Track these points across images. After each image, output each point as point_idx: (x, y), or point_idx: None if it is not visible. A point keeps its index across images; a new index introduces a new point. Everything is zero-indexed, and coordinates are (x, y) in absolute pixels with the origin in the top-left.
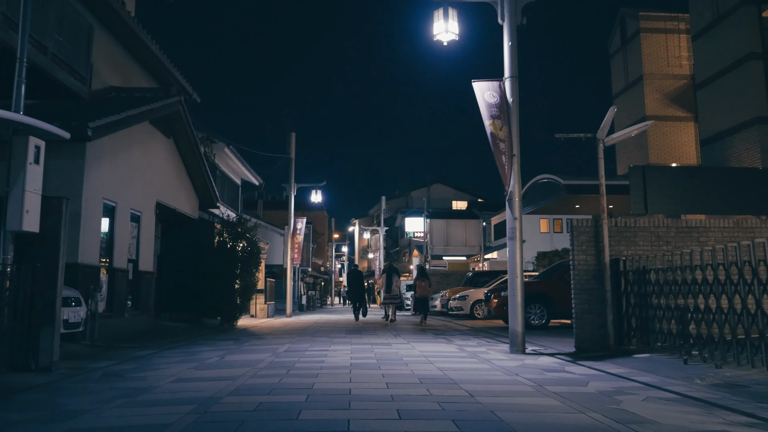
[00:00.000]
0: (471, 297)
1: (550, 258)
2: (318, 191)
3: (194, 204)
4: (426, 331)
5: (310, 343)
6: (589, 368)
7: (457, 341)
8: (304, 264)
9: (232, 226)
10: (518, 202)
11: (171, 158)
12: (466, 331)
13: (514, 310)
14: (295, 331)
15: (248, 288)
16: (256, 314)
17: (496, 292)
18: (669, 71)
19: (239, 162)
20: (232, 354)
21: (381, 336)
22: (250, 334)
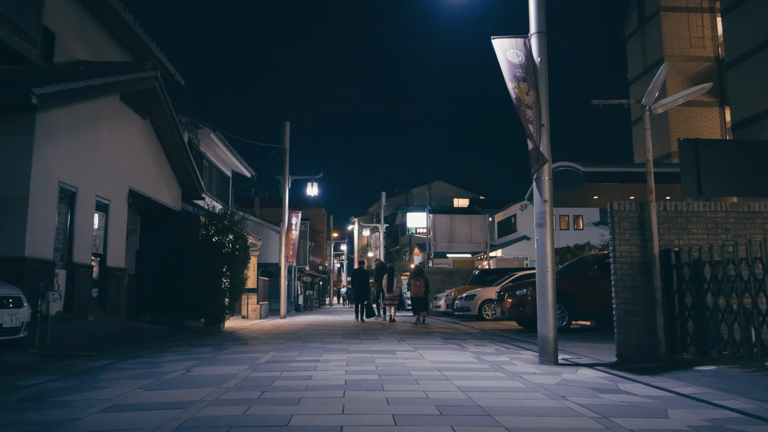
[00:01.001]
0: (479, 296)
1: (561, 255)
2: (314, 184)
3: (176, 195)
4: (432, 334)
5: (300, 351)
6: (651, 386)
7: (471, 347)
8: (301, 262)
9: (217, 219)
10: (548, 181)
11: (148, 142)
12: (477, 334)
13: (544, 312)
14: (285, 334)
15: (236, 287)
16: (247, 315)
17: (511, 290)
18: (691, 53)
19: (229, 152)
20: (202, 366)
21: (382, 341)
22: (235, 338)
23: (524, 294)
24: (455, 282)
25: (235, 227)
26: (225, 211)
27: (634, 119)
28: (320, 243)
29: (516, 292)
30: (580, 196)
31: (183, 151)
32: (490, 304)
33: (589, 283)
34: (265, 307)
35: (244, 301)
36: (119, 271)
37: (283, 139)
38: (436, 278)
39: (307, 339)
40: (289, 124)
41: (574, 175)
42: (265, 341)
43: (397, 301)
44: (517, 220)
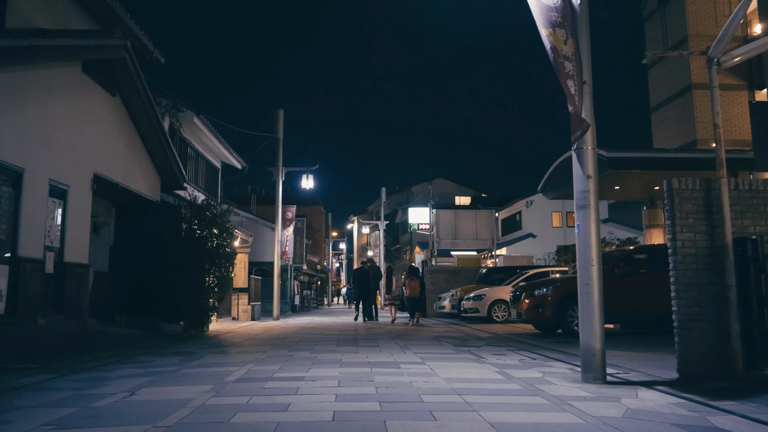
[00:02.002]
0: (488, 296)
1: (573, 252)
2: (309, 176)
3: (154, 184)
4: (440, 339)
5: (283, 363)
6: (751, 420)
7: (490, 358)
8: (298, 261)
9: (200, 210)
10: (592, 152)
11: (118, 122)
12: (491, 339)
13: (588, 316)
14: (273, 340)
15: (221, 286)
16: (238, 317)
17: (528, 290)
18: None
19: (217, 141)
20: (154, 385)
21: (384, 349)
22: (214, 344)
23: (543, 294)
24: (460, 281)
25: (219, 219)
26: (206, 200)
27: (653, 105)
28: (318, 242)
29: (534, 292)
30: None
31: (161, 135)
32: (501, 305)
33: (616, 282)
34: (257, 308)
35: (234, 302)
36: (80, 268)
37: (276, 128)
38: (440, 277)
39: (296, 346)
40: (282, 112)
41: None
42: (246, 348)
43: (398, 301)
44: (522, 218)
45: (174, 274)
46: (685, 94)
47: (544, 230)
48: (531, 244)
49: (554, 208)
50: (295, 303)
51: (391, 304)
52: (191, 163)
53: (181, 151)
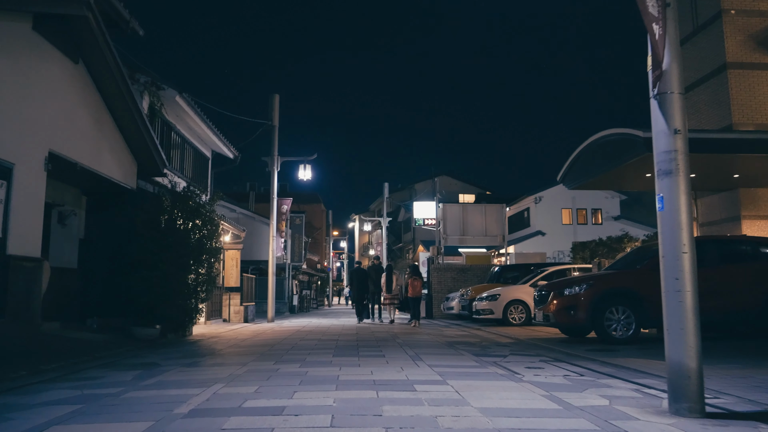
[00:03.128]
0: (503, 296)
1: (591, 249)
2: (307, 166)
3: (129, 169)
4: (455, 346)
5: (262, 382)
6: None
7: (526, 374)
8: (296, 259)
9: (180, 199)
10: (679, 97)
11: (82, 94)
12: (514, 346)
13: (678, 322)
14: (260, 347)
15: (204, 284)
16: (229, 318)
17: (558, 289)
18: (755, 6)
19: (206, 127)
20: (75, 420)
21: (391, 360)
22: (188, 354)
23: (576, 294)
24: (469, 280)
25: (204, 209)
26: (190, 188)
27: None
28: (319, 240)
29: (564, 291)
30: (628, 174)
31: (135, 114)
32: (517, 305)
33: None
34: (250, 309)
35: (225, 302)
36: (30, 262)
37: (271, 115)
38: (447, 276)
39: (285, 356)
40: (278, 96)
41: (630, 143)
42: (224, 359)
43: (397, 301)
44: (530, 215)
45: (149, 271)
46: (719, 75)
47: (553, 227)
48: (539, 242)
49: (564, 204)
50: (294, 303)
51: (390, 304)
52: (177, 151)
53: (164, 136)
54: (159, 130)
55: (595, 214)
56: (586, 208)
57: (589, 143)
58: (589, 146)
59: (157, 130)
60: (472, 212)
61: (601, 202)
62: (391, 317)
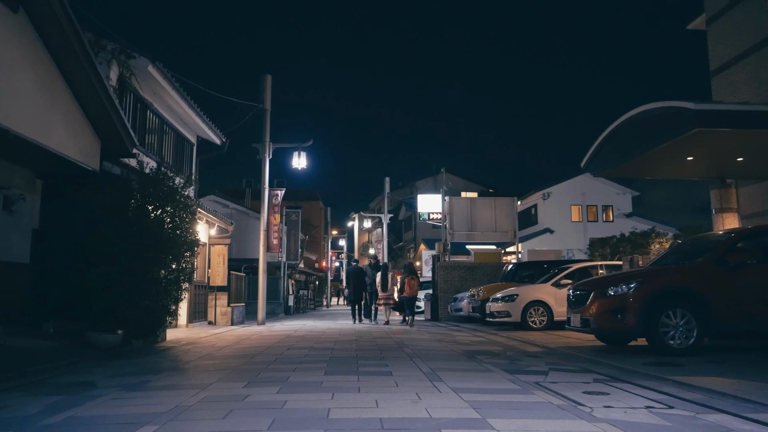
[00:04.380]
0: (522, 297)
1: (612, 246)
2: (302, 154)
3: (90, 147)
4: (477, 356)
5: (214, 423)
6: None
7: (593, 403)
8: (292, 257)
9: (150, 182)
10: None
11: (22, 51)
12: (549, 357)
13: None
14: (237, 358)
15: (177, 283)
16: (215, 320)
17: (599, 287)
18: None
19: (189, 108)
20: None
21: (400, 379)
22: (147, 367)
23: (623, 294)
24: (478, 279)
25: (178, 195)
26: (161, 169)
27: (715, 68)
28: (317, 239)
29: (608, 291)
30: (667, 157)
31: (96, 82)
32: (538, 307)
33: (732, 276)
34: (238, 311)
35: (211, 303)
36: None
37: (262, 97)
38: (454, 274)
39: (263, 373)
40: (270, 78)
41: (678, 118)
42: (183, 378)
43: (392, 301)
44: (538, 211)
45: (109, 266)
46: (762, 50)
47: (562, 225)
48: (548, 239)
49: (573, 201)
50: (289, 304)
51: (385, 305)
52: (154, 135)
53: (138, 115)
54: (131, 107)
55: (606, 211)
56: (597, 205)
57: (623, 121)
58: (622, 125)
59: (128, 107)
60: (480, 206)
61: (612, 199)
62: (386, 318)
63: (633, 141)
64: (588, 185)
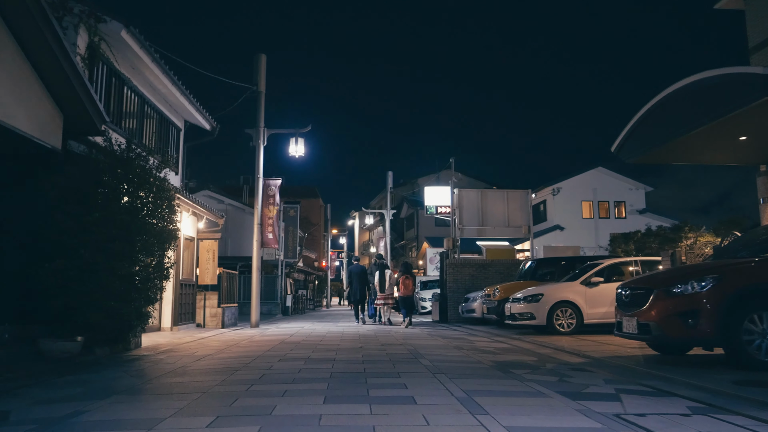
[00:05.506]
0: (548, 297)
1: (637, 241)
2: (300, 140)
3: (50, 122)
4: (513, 372)
5: None
6: None
7: None
8: (290, 255)
9: (124, 164)
10: None
11: None
12: (598, 369)
13: None
14: (215, 374)
15: (147, 282)
16: (204, 323)
17: (662, 285)
18: None
19: (175, 88)
20: None
21: (428, 410)
22: (98, 388)
23: (694, 294)
24: (491, 277)
25: (152, 177)
26: (126, 148)
27: (754, 44)
28: (316, 237)
29: (673, 289)
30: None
31: (54, 44)
32: (565, 308)
33: None
34: (229, 312)
35: (200, 303)
36: None
37: (257, 79)
38: (465, 273)
39: (241, 399)
40: (264, 57)
41: (741, 87)
42: (131, 409)
43: (392, 301)
44: (547, 208)
45: (66, 260)
46: None
47: (573, 221)
48: (558, 237)
49: (584, 196)
50: (287, 305)
51: (384, 305)
52: (135, 117)
53: (114, 91)
54: (104, 81)
55: (618, 207)
56: (609, 201)
57: (669, 94)
58: (666, 99)
59: (100, 80)
60: (492, 199)
61: (624, 194)
62: (384, 318)
63: (677, 118)
64: (599, 180)
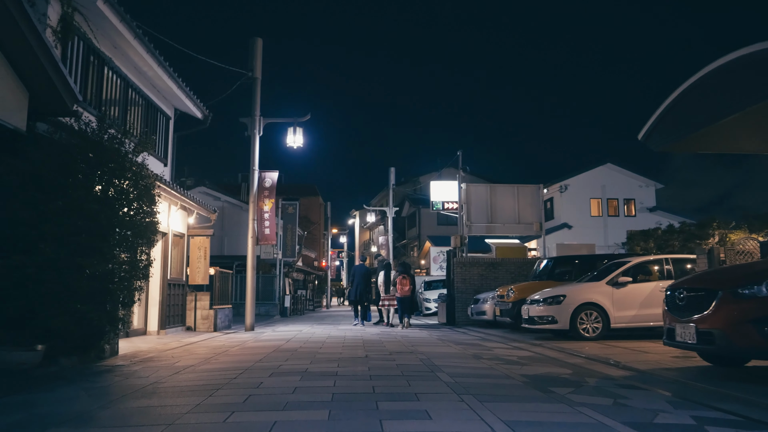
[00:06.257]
0: (571, 298)
1: (657, 238)
2: (298, 129)
3: (11, 99)
4: (554, 392)
5: None
6: None
7: None
8: (289, 254)
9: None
10: None
11: None
12: (650, 386)
13: None
14: (191, 395)
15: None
16: (195, 326)
17: (728, 286)
18: None
19: (161, 69)
20: None
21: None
22: (42, 414)
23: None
24: (501, 277)
25: (127, 162)
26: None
27: None
28: (316, 236)
29: (742, 290)
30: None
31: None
32: (591, 311)
33: None
34: (223, 314)
35: (191, 305)
36: None
37: (252, 64)
38: (473, 272)
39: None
40: (260, 41)
41: None
42: None
43: (395, 302)
44: (554, 205)
45: (23, 255)
46: None
47: (581, 220)
48: (565, 235)
49: (592, 194)
50: (286, 305)
51: (389, 306)
52: (119, 103)
53: (93, 71)
54: (81, 59)
55: (628, 205)
56: (618, 198)
57: (705, 74)
58: (703, 80)
59: (76, 58)
60: (501, 194)
61: (634, 192)
62: (386, 320)
63: (713, 101)
64: (608, 177)
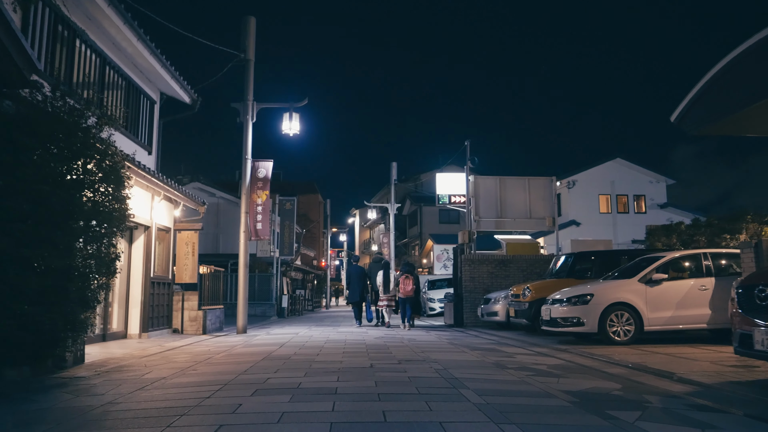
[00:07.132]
0: (600, 298)
1: (681, 233)
2: (295, 115)
3: None
4: (618, 419)
5: None
6: None
7: None
8: (287, 252)
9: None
10: None
11: None
12: (728, 405)
13: None
14: (149, 424)
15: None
16: (182, 328)
17: None
18: None
19: (142, 45)
20: None
21: None
22: None
23: None
24: (512, 275)
25: (91, 138)
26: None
27: None
28: (315, 234)
29: None
30: None
31: None
32: (621, 313)
33: None
34: (214, 316)
35: (177, 305)
36: None
37: (245, 45)
38: (482, 270)
39: None
40: (254, 20)
41: None
42: None
43: (393, 302)
44: (561, 202)
45: None
46: None
47: (589, 217)
48: (573, 233)
49: (601, 189)
50: (283, 306)
51: (387, 306)
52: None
53: (63, 44)
54: (46, 28)
55: (638, 201)
56: (627, 195)
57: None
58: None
59: (40, 26)
60: (512, 187)
61: (644, 188)
62: (387, 321)
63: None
64: (618, 172)
